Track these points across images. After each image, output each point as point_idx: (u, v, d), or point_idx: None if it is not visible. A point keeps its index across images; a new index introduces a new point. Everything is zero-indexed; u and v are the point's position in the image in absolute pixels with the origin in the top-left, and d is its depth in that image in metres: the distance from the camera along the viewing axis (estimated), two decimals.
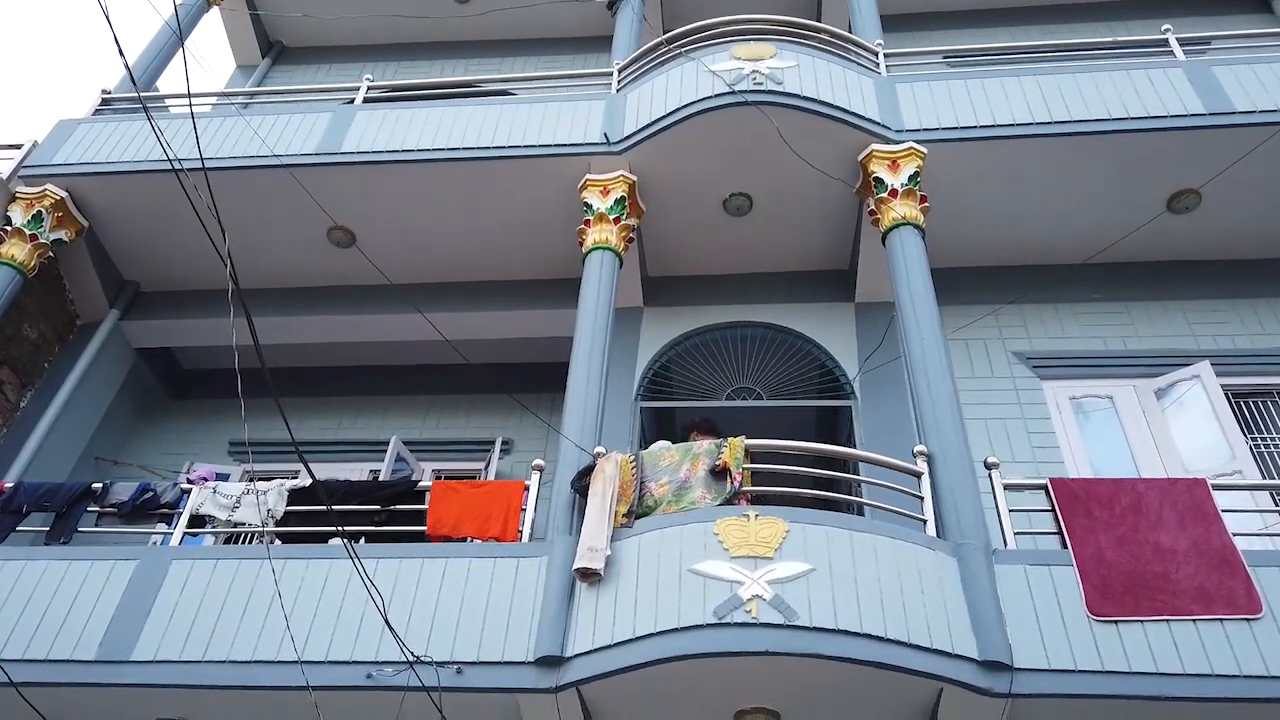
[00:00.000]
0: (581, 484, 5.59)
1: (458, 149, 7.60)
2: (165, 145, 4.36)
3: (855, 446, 6.90)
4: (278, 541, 5.80)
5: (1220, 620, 4.79)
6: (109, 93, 8.75)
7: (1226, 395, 6.90)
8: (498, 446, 8.19)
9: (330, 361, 8.98)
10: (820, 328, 7.80)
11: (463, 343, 8.58)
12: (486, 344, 8.43)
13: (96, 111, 8.59)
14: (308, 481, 5.99)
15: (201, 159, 4.54)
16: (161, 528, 6.12)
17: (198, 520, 5.93)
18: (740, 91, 7.11)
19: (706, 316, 8.01)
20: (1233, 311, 7.53)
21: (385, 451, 7.96)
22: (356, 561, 4.70)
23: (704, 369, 7.88)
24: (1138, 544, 5.13)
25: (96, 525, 6.10)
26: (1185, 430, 6.82)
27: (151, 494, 5.94)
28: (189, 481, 6.22)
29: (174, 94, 8.83)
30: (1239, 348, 7.29)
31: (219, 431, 8.72)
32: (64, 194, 7.81)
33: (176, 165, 4.68)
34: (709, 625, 4.70)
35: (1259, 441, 6.90)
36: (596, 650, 4.85)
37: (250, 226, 7.95)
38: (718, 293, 8.14)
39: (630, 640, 4.79)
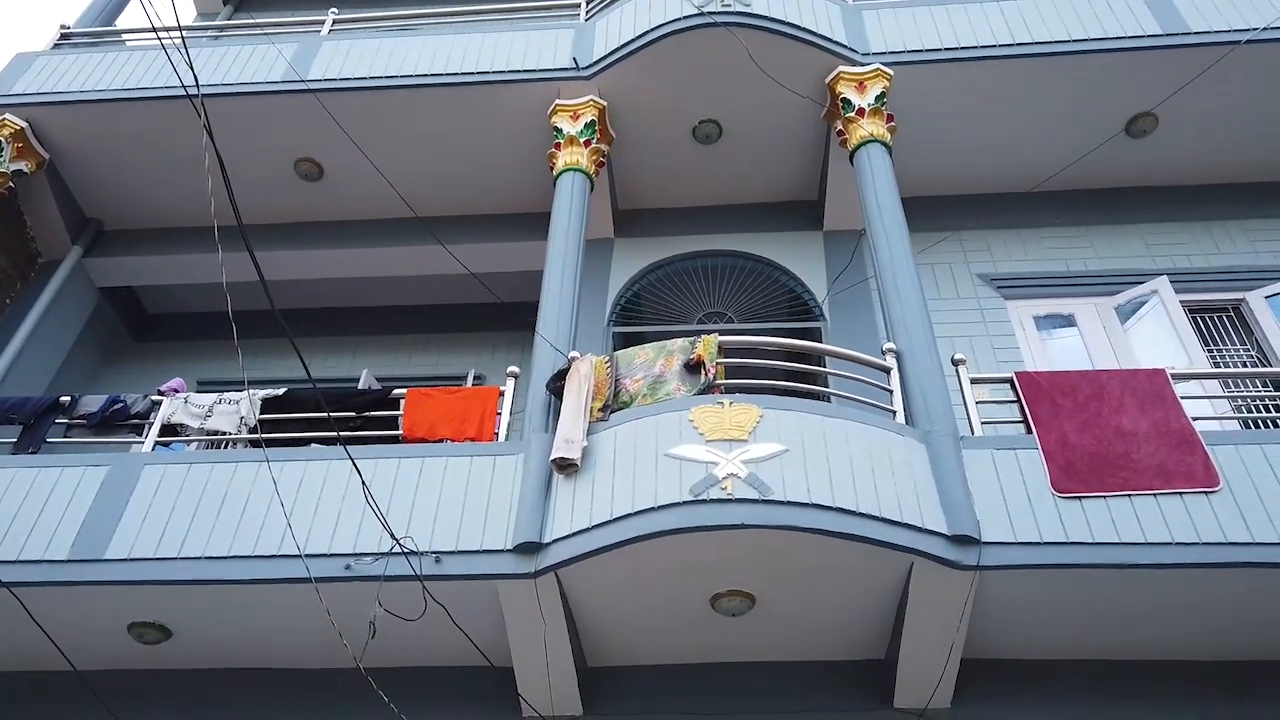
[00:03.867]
0: (556, 385, 5.62)
1: (426, 75, 7.59)
2: (175, 57, 4.28)
3: (825, 367, 6.98)
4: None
5: (1180, 494, 4.94)
6: (68, 28, 8.62)
7: (1185, 310, 7.10)
8: (470, 381, 8.19)
9: (300, 303, 8.89)
10: (790, 255, 7.89)
11: (433, 278, 8.60)
12: (459, 280, 8.40)
13: (55, 46, 8.47)
14: (280, 391, 5.97)
15: (198, 83, 4.44)
16: (134, 445, 6.07)
17: (170, 431, 5.88)
18: (709, 13, 7.17)
19: (677, 247, 8.05)
20: (1188, 233, 7.73)
21: (356, 385, 7.93)
22: (347, 453, 4.72)
23: (675, 296, 7.94)
24: (1100, 428, 5.27)
25: (66, 437, 6.03)
26: (1145, 343, 7.00)
27: (121, 405, 5.88)
28: (159, 392, 6.16)
29: (135, 29, 8.68)
30: (1195, 266, 7.49)
31: (185, 372, 8.59)
32: (24, 124, 7.70)
33: (189, 88, 4.51)
34: (686, 503, 4.77)
35: (1215, 354, 7.11)
36: (575, 534, 4.89)
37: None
38: (688, 224, 8.18)
39: (608, 522, 4.84)
